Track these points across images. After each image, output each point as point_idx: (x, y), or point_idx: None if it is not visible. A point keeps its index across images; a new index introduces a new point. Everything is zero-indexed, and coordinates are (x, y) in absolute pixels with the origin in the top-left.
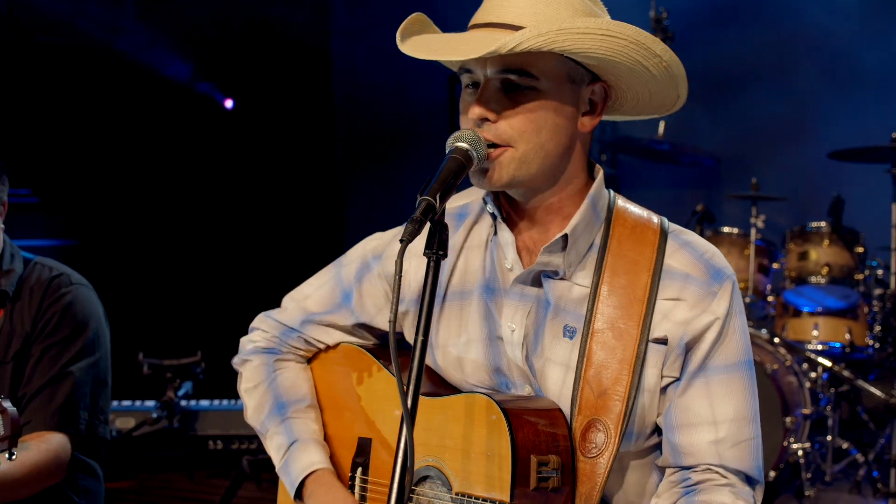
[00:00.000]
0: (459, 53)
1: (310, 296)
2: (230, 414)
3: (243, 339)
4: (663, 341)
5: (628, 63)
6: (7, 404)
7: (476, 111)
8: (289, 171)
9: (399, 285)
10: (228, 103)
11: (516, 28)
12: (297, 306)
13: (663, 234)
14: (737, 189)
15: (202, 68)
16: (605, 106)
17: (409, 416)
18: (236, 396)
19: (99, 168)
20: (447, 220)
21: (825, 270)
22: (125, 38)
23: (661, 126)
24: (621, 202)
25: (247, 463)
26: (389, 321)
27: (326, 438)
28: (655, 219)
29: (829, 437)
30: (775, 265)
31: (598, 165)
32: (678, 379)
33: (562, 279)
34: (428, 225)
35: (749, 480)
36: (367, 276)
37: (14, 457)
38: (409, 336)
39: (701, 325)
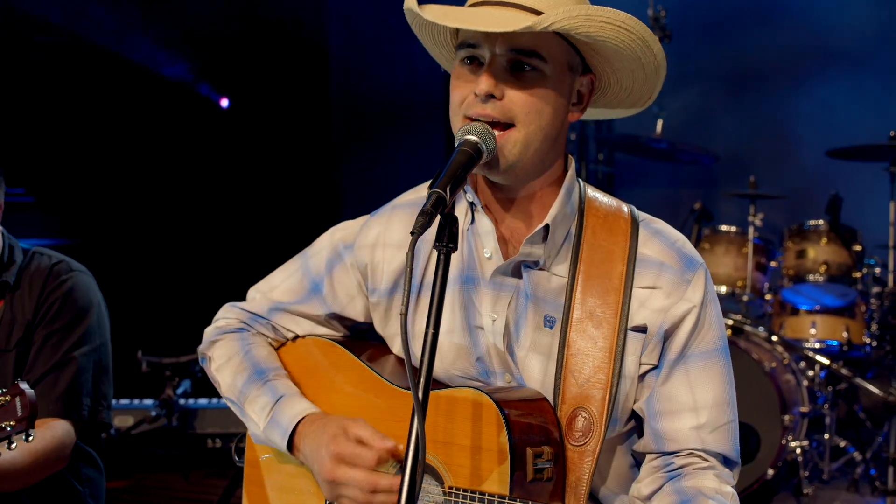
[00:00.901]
0: (486, 25)
1: (276, 287)
2: (229, 412)
3: (208, 329)
4: (642, 329)
5: (632, 57)
6: (25, 386)
7: (484, 86)
8: (285, 168)
9: (410, 277)
10: (224, 102)
11: (525, 9)
12: (265, 297)
13: (634, 223)
14: (735, 187)
15: (198, 67)
16: (590, 99)
17: (420, 408)
18: None
19: (95, 167)
20: (413, 209)
21: (823, 269)
22: (120, 38)
23: (659, 124)
24: (591, 192)
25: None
26: (401, 313)
27: None
28: (625, 207)
29: (826, 436)
30: (773, 263)
31: (570, 156)
32: (656, 366)
33: (540, 269)
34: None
35: (727, 462)
36: (338, 265)
37: (31, 438)
38: (379, 327)
39: (678, 312)
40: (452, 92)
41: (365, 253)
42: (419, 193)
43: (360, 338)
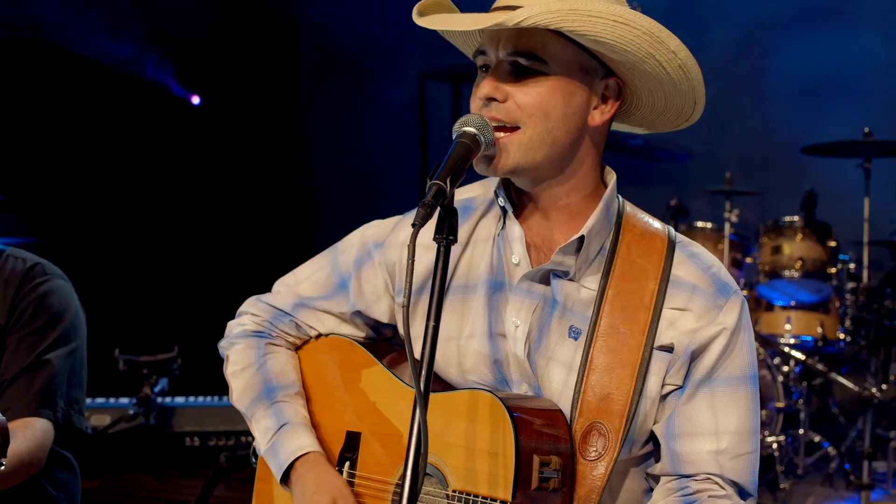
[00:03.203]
0: (464, 25)
1: (304, 281)
2: (207, 410)
3: (231, 323)
4: (669, 349)
5: (640, 55)
6: None
7: (485, 90)
8: (258, 164)
9: (412, 269)
10: (195, 99)
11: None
12: (290, 291)
13: (671, 244)
14: (710, 184)
15: (169, 64)
16: (619, 102)
17: (423, 400)
18: (213, 392)
19: (66, 164)
20: None
21: (798, 264)
22: (89, 34)
23: None
24: (630, 208)
25: (224, 459)
26: (402, 305)
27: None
28: (664, 228)
29: (801, 431)
30: (749, 259)
31: (610, 169)
32: (680, 388)
33: (570, 280)
34: (437, 211)
35: (742, 493)
36: (367, 263)
37: (3, 467)
38: (402, 329)
39: (708, 335)
40: (471, 100)
41: (394, 252)
42: (459, 196)
43: (383, 342)
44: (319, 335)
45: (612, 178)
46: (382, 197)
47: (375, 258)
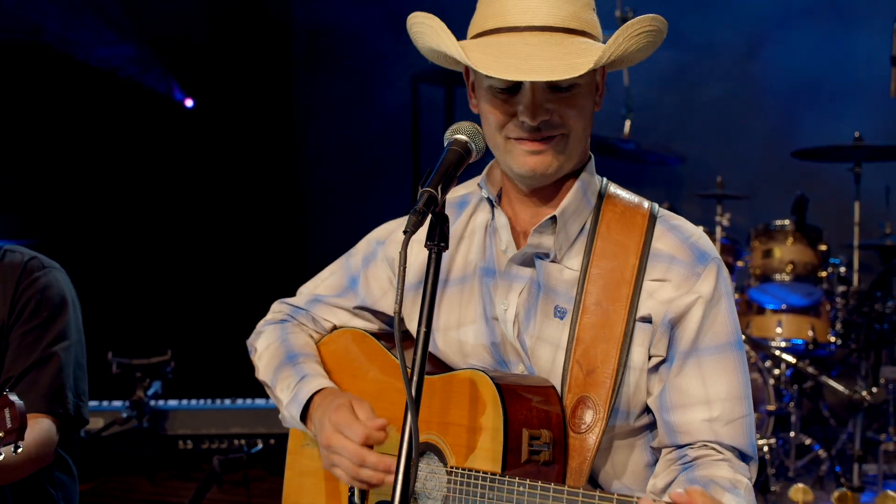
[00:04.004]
0: (560, 74)
1: (321, 283)
2: (200, 413)
3: (260, 322)
4: (648, 320)
5: (650, 50)
6: (14, 397)
7: (536, 119)
8: (251, 167)
9: (403, 276)
10: (189, 102)
11: (562, 30)
12: (309, 292)
13: (652, 218)
14: (702, 188)
15: (163, 67)
16: (604, 85)
17: (414, 404)
18: (206, 396)
19: (59, 166)
20: (448, 209)
21: (789, 268)
22: (82, 37)
23: (627, 125)
24: (613, 188)
25: (217, 463)
26: (395, 310)
27: None
28: (646, 204)
29: (792, 434)
30: (740, 263)
31: (589, 152)
32: (665, 359)
33: (553, 261)
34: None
35: (743, 457)
36: (372, 261)
37: (21, 450)
38: (409, 323)
39: (684, 303)
40: (489, 115)
41: (394, 248)
42: (455, 193)
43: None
44: (335, 327)
45: (590, 160)
46: (376, 200)
47: (379, 255)
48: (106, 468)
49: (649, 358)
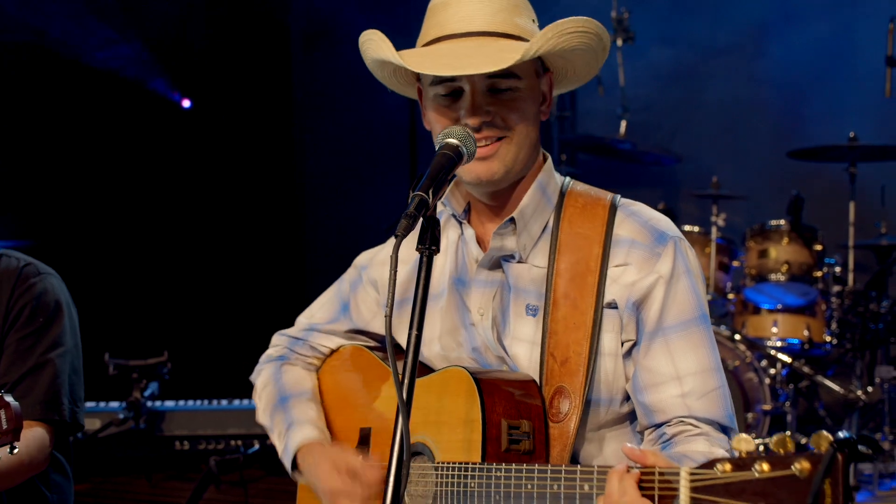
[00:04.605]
0: (479, 67)
1: (315, 312)
2: (197, 414)
3: (262, 357)
4: (614, 305)
5: (589, 50)
6: (9, 398)
7: (476, 120)
8: (249, 168)
9: (395, 278)
10: (186, 103)
11: (494, 34)
12: (306, 321)
13: (613, 208)
14: (697, 188)
15: (161, 67)
16: (552, 95)
17: (405, 408)
18: (203, 396)
19: (55, 167)
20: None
21: (784, 268)
22: (79, 37)
23: (623, 125)
24: (574, 185)
25: (214, 463)
26: (385, 315)
27: (332, 434)
28: (608, 196)
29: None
30: (735, 263)
31: (544, 152)
32: (636, 342)
33: (519, 262)
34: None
35: (723, 429)
36: (359, 286)
37: (16, 451)
38: (398, 335)
39: (646, 284)
40: (435, 124)
41: (376, 270)
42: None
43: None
44: (333, 351)
45: (547, 159)
46: (374, 201)
47: (364, 278)
48: (102, 469)
49: (622, 344)
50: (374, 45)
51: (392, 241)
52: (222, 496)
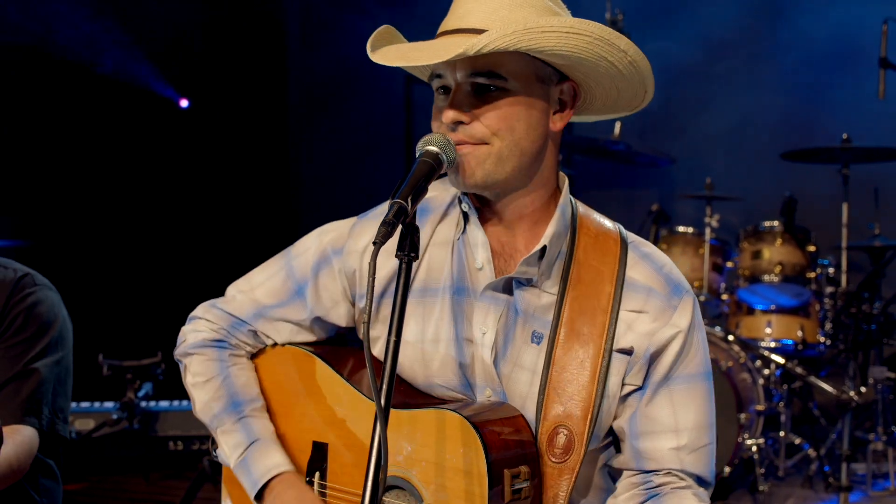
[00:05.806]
0: (427, 59)
1: (259, 286)
2: (190, 415)
3: (185, 329)
4: (628, 352)
5: (593, 59)
6: None
7: (450, 115)
8: (244, 168)
9: (373, 288)
10: (184, 102)
11: (481, 32)
12: (247, 298)
13: (624, 245)
14: (691, 189)
15: (157, 67)
16: (575, 104)
17: (383, 415)
18: None
19: (51, 168)
20: None
21: (778, 269)
22: (76, 38)
23: (617, 127)
24: (582, 209)
25: (207, 463)
26: (363, 322)
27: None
28: (615, 227)
29: (782, 433)
30: (729, 264)
31: (562, 173)
32: (640, 388)
33: (532, 286)
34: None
35: (701, 482)
36: (325, 269)
37: None
38: (362, 333)
39: (664, 336)
40: (432, 122)
41: (354, 259)
42: None
43: (340, 342)
44: (276, 344)
45: (564, 181)
46: (368, 201)
47: (335, 265)
48: (96, 469)
49: (623, 386)
50: (373, 39)
51: (359, 222)
52: (219, 495)
